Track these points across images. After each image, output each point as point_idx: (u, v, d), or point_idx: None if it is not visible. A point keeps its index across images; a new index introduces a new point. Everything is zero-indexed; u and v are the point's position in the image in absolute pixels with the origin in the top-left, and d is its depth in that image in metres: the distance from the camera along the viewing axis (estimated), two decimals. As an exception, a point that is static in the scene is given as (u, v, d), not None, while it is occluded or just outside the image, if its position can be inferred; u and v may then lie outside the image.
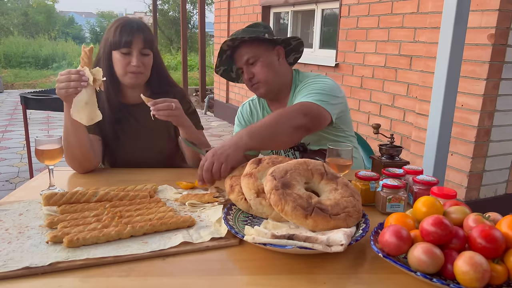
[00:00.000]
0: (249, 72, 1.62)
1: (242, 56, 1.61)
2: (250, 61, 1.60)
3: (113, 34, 1.51)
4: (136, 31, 1.51)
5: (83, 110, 1.29)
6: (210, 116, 7.64)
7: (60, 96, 1.32)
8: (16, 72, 13.48)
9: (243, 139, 1.33)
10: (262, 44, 1.62)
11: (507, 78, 2.78)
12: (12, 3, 23.25)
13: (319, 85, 1.58)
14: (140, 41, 1.52)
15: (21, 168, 4.31)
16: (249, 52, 1.60)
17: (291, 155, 1.75)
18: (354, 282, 0.86)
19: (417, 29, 3.26)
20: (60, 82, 1.29)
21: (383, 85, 3.67)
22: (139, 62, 1.52)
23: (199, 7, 7.80)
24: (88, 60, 1.30)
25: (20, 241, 0.95)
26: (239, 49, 1.62)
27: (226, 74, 1.77)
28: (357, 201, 1.04)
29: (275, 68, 1.64)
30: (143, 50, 1.53)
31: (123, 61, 1.51)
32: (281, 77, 1.67)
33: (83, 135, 1.46)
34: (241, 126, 1.84)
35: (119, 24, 1.53)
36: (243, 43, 1.61)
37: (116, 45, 1.51)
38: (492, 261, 0.79)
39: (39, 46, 16.18)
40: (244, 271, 0.90)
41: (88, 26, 24.63)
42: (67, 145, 1.45)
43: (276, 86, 1.67)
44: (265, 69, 1.61)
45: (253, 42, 1.60)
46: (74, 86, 1.26)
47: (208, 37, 16.45)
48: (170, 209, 1.12)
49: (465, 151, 2.90)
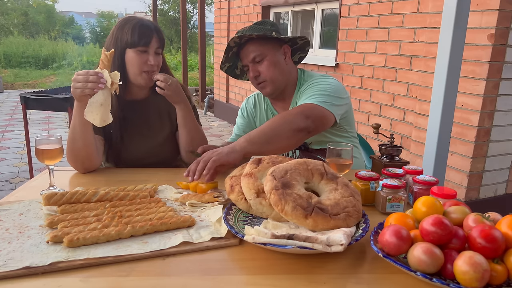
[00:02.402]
0: (255, 70, 1.62)
1: (248, 54, 1.60)
2: (257, 59, 1.60)
3: (130, 34, 1.51)
4: (154, 31, 1.53)
5: (97, 111, 1.30)
6: (210, 116, 7.64)
7: (74, 95, 1.34)
8: (16, 72, 13.48)
9: (241, 143, 1.35)
10: (269, 42, 1.61)
11: (507, 78, 2.78)
12: (12, 3, 23.22)
13: (323, 86, 1.57)
14: (156, 41, 1.53)
15: (21, 168, 4.31)
16: (255, 50, 1.59)
17: (291, 154, 1.75)
18: (354, 282, 0.86)
19: (417, 29, 3.26)
20: (77, 81, 1.30)
21: (383, 85, 3.67)
22: (156, 61, 1.54)
23: (199, 7, 7.80)
24: (108, 63, 1.33)
25: (20, 241, 0.95)
26: (245, 46, 1.61)
27: (230, 71, 1.76)
28: (357, 201, 1.04)
29: (281, 67, 1.64)
30: (157, 49, 1.55)
31: (140, 60, 1.52)
32: (287, 76, 1.67)
33: (90, 135, 1.47)
34: (243, 118, 1.84)
35: (136, 23, 1.53)
36: (250, 41, 1.60)
37: (133, 44, 1.51)
38: (492, 261, 0.79)
39: (39, 46, 16.18)
40: (244, 271, 0.90)
41: (88, 26, 24.61)
42: (72, 145, 1.45)
43: (282, 85, 1.66)
44: (271, 68, 1.60)
45: (260, 40, 1.59)
46: (91, 87, 1.28)
47: (208, 37, 16.45)
48: (170, 209, 1.12)
49: (465, 151, 2.90)
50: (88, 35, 24.01)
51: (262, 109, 1.82)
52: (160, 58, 1.58)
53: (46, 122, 6.63)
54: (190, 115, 1.59)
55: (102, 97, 1.30)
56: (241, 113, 1.86)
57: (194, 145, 1.59)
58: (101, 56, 1.33)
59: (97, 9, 43.63)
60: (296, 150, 1.74)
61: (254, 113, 1.83)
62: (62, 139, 1.34)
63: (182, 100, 1.53)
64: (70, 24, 25.76)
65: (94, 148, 1.50)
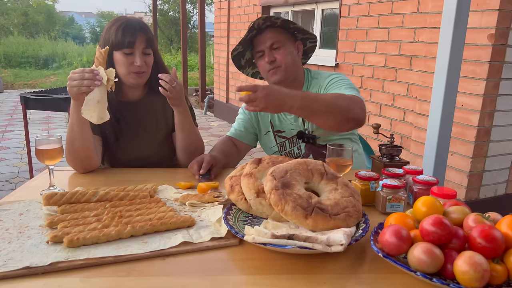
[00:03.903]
0: (271, 55, 1.64)
1: (266, 40, 1.64)
2: (275, 46, 1.63)
3: (114, 35, 1.50)
4: (138, 31, 1.51)
5: (94, 108, 1.30)
6: (210, 116, 7.64)
7: (71, 93, 1.33)
8: (16, 72, 13.48)
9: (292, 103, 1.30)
10: (287, 34, 1.67)
11: (507, 78, 2.78)
12: (12, 3, 23.23)
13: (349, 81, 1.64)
14: (142, 41, 1.52)
15: (21, 168, 4.31)
16: (275, 37, 1.63)
17: (297, 150, 1.75)
18: (354, 282, 0.86)
19: (417, 29, 3.26)
20: (73, 80, 1.30)
21: (383, 85, 3.67)
22: (142, 62, 1.52)
23: (199, 7, 7.80)
24: (103, 61, 1.33)
25: (20, 241, 0.95)
26: (264, 32, 1.64)
27: (237, 59, 1.78)
28: (357, 201, 1.04)
29: (295, 59, 1.69)
30: (145, 49, 1.54)
31: (126, 61, 1.52)
32: (297, 70, 1.71)
33: (89, 135, 1.47)
34: (244, 114, 1.84)
35: (120, 24, 1.52)
36: (269, 28, 1.64)
37: (118, 46, 1.50)
38: (492, 261, 0.79)
39: (39, 46, 16.18)
40: (244, 271, 0.90)
41: (88, 26, 24.63)
42: (71, 145, 1.45)
43: (292, 76, 1.69)
44: (288, 56, 1.65)
45: (279, 29, 1.65)
46: (88, 85, 1.28)
47: (208, 37, 16.45)
48: (170, 209, 1.12)
49: (465, 151, 2.90)
50: (88, 35, 24.02)
51: None
52: (149, 58, 1.56)
53: (46, 122, 6.63)
54: (188, 119, 1.58)
55: (99, 94, 1.30)
56: (242, 110, 1.86)
57: (191, 148, 1.61)
58: (96, 53, 1.34)
59: (97, 9, 43.68)
60: (301, 144, 1.73)
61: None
62: (62, 139, 1.34)
63: (182, 104, 1.53)
64: (70, 24, 25.79)
65: (93, 148, 1.49)
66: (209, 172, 1.47)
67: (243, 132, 1.81)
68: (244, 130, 1.81)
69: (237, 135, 1.81)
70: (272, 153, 1.83)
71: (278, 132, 1.78)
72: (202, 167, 1.46)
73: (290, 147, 1.77)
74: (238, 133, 1.81)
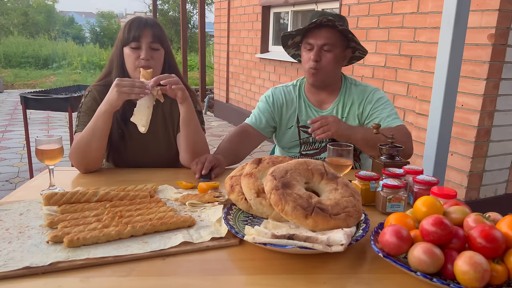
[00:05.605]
0: (318, 55, 1.65)
1: (321, 38, 1.64)
2: (325, 48, 1.64)
3: (123, 31, 1.54)
4: (144, 26, 1.53)
5: (143, 113, 1.40)
6: (210, 116, 7.64)
7: (120, 94, 1.37)
8: (16, 72, 13.47)
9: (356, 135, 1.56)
10: (341, 38, 1.67)
11: (507, 78, 2.78)
12: (12, 3, 23.21)
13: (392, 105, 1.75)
14: (149, 35, 1.52)
15: (21, 168, 4.31)
16: (329, 39, 1.64)
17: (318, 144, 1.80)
18: (354, 282, 0.86)
19: (417, 29, 3.26)
20: (123, 86, 1.37)
21: (383, 85, 3.67)
22: (148, 55, 1.52)
23: (199, 7, 7.80)
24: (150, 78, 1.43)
25: (20, 241, 0.95)
26: (324, 28, 1.64)
27: (285, 38, 1.79)
28: (357, 201, 1.04)
29: (338, 66, 1.72)
30: (152, 44, 1.53)
31: (133, 55, 1.52)
32: (336, 76, 1.75)
33: (105, 141, 1.50)
34: (267, 104, 1.83)
35: (130, 21, 1.55)
36: (328, 27, 1.64)
37: (126, 41, 1.52)
38: (492, 261, 0.79)
39: (39, 46, 16.16)
40: (244, 271, 0.90)
41: (88, 26, 24.59)
42: (85, 146, 1.46)
43: (329, 81, 1.72)
44: (333, 62, 1.67)
45: (338, 32, 1.65)
46: (138, 92, 1.37)
47: (208, 37, 16.45)
48: (170, 209, 1.12)
49: (465, 151, 2.90)
50: (88, 35, 23.99)
51: (294, 100, 1.82)
52: (157, 53, 1.55)
53: (46, 122, 6.63)
54: (193, 115, 1.54)
55: (149, 101, 1.41)
56: (266, 100, 1.85)
57: (195, 148, 1.56)
58: (141, 73, 1.44)
59: (97, 9, 43.69)
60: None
61: (282, 103, 1.83)
62: (62, 139, 1.33)
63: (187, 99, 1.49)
64: (70, 24, 25.79)
65: (103, 152, 1.53)
66: (209, 173, 1.47)
67: (262, 124, 1.81)
68: (265, 122, 1.81)
69: (256, 125, 1.81)
70: (288, 148, 1.85)
71: (304, 128, 1.79)
72: (204, 167, 1.45)
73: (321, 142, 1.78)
74: (258, 124, 1.81)
